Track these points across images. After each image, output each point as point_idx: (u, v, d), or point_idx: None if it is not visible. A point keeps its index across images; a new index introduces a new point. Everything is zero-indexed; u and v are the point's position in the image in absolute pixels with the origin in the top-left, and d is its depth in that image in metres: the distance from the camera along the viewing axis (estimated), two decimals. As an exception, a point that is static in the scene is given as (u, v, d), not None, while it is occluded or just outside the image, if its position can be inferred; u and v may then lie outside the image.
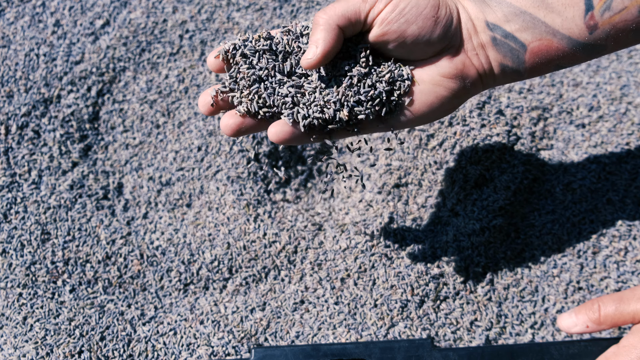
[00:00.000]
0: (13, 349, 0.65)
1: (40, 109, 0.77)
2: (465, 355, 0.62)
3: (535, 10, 0.48)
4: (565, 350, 0.63)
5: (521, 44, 0.49)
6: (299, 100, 0.50)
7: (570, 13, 0.47)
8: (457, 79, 0.51)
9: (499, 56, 0.50)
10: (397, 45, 0.49)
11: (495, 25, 0.49)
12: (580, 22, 0.47)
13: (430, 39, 0.49)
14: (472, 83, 0.52)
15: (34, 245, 0.71)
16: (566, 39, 0.48)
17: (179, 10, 0.84)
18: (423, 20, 0.48)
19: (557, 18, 0.48)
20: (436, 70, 0.51)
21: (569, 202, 0.74)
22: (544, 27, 0.48)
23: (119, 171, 0.77)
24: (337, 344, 0.62)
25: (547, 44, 0.49)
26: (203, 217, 0.74)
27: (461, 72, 0.51)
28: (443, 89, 0.51)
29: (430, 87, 0.51)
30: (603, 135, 0.77)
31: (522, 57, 0.50)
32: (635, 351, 0.57)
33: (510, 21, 0.49)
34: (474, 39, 0.50)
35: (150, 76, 0.81)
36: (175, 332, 0.68)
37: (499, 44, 0.50)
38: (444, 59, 0.50)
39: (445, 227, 0.72)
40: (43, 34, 0.82)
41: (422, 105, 0.51)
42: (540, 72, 0.51)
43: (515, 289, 0.70)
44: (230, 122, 0.52)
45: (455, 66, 0.50)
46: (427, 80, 0.51)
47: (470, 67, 0.51)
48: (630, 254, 0.71)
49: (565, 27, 0.48)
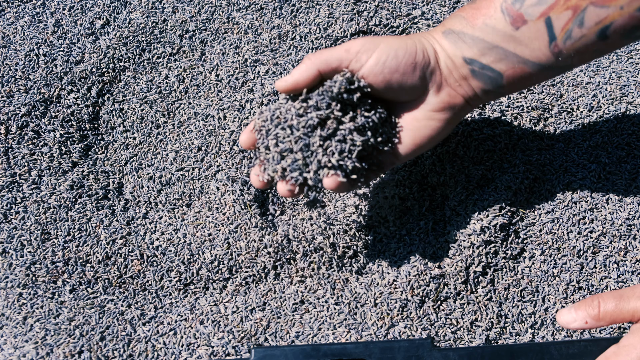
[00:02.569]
0: (13, 349, 0.65)
1: (40, 109, 0.77)
2: (465, 355, 0.62)
3: (505, 44, 0.54)
4: (565, 350, 0.62)
5: (497, 72, 0.56)
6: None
7: (537, 44, 0.53)
8: (447, 110, 0.58)
9: (480, 84, 0.57)
10: (385, 91, 0.56)
11: (472, 60, 0.56)
12: (546, 50, 0.53)
13: (412, 82, 0.56)
14: (461, 108, 0.58)
15: (34, 245, 0.70)
16: (536, 64, 0.54)
17: (179, 10, 0.84)
18: (404, 68, 0.55)
19: (525, 49, 0.54)
20: (426, 107, 0.57)
21: (569, 202, 0.74)
22: (515, 58, 0.54)
23: (119, 171, 0.77)
24: (337, 344, 0.62)
25: (520, 70, 0.55)
26: (203, 217, 0.74)
27: (448, 103, 0.57)
28: (436, 121, 0.58)
29: (425, 122, 0.58)
30: (603, 135, 0.77)
31: (500, 82, 0.56)
32: (635, 351, 0.57)
33: (485, 55, 0.55)
34: (454, 73, 0.57)
35: (150, 76, 0.81)
36: (175, 332, 0.68)
37: (478, 74, 0.56)
38: (431, 95, 0.57)
39: (446, 227, 0.72)
40: (43, 34, 0.82)
41: (422, 139, 0.58)
42: (520, 89, 0.58)
43: (516, 289, 0.70)
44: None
45: (442, 100, 0.57)
46: (421, 118, 0.58)
47: (456, 97, 0.57)
48: (630, 254, 0.71)
49: (534, 56, 0.54)
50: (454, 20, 0.57)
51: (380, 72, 0.55)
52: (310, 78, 0.55)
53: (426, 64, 0.56)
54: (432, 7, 0.85)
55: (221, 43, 0.83)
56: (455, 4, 0.85)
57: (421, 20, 0.84)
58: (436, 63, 0.56)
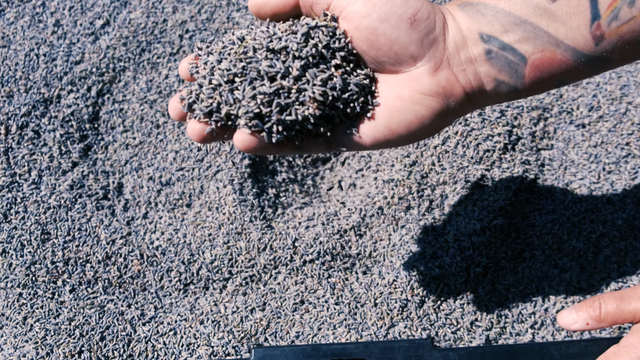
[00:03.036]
0: (13, 349, 0.65)
1: (40, 109, 0.77)
2: (465, 355, 0.62)
3: (537, 19, 0.44)
4: (565, 350, 0.63)
5: (521, 56, 0.45)
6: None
7: (575, 22, 0.44)
8: (440, 98, 0.46)
9: (494, 71, 0.46)
10: (368, 46, 0.45)
11: (490, 37, 0.45)
12: (586, 31, 0.44)
13: (405, 42, 0.44)
14: (458, 103, 0.47)
15: (34, 245, 0.70)
16: (570, 50, 0.45)
17: (179, 10, 0.84)
18: (397, 20, 0.44)
19: (560, 27, 0.44)
20: (416, 86, 0.46)
21: (569, 202, 0.74)
22: (546, 38, 0.44)
23: (119, 171, 0.77)
24: (337, 344, 0.62)
25: (550, 55, 0.45)
26: (203, 217, 0.74)
27: (445, 89, 0.46)
28: (424, 107, 0.46)
29: (409, 105, 0.46)
30: (603, 135, 0.77)
31: (522, 71, 0.46)
32: (635, 351, 0.57)
33: (509, 31, 0.45)
34: (462, 53, 0.46)
35: (150, 76, 0.81)
36: (175, 332, 0.68)
37: (495, 57, 0.45)
38: (425, 74, 0.45)
39: (446, 227, 0.72)
40: (43, 34, 0.82)
41: (400, 125, 0.46)
42: (540, 89, 0.47)
43: (516, 289, 0.70)
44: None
45: (437, 83, 0.46)
46: (405, 97, 0.46)
47: (456, 84, 0.46)
48: (630, 254, 0.71)
49: (570, 38, 0.44)
50: None
51: (366, 15, 0.44)
52: (284, 2, 0.46)
53: (429, 28, 0.45)
54: (432, 7, 0.85)
55: (221, 43, 0.83)
56: (455, 4, 0.85)
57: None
58: (442, 33, 0.45)
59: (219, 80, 0.46)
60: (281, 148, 0.47)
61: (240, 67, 0.45)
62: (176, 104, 0.48)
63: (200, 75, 0.47)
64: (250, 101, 0.45)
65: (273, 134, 0.46)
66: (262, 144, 0.46)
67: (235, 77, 0.45)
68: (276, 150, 0.47)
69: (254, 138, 0.46)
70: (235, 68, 0.45)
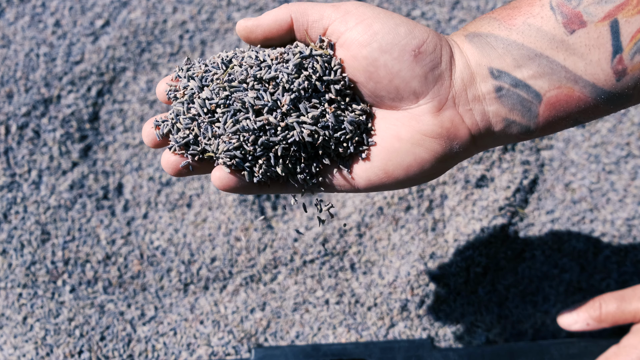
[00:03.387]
0: (13, 349, 0.65)
1: (40, 109, 0.77)
2: (465, 355, 0.62)
3: (553, 52, 0.40)
4: (565, 350, 0.63)
5: (535, 93, 0.41)
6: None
7: (595, 56, 0.39)
8: (443, 140, 0.42)
9: (504, 110, 0.41)
10: (367, 78, 0.42)
11: (501, 72, 0.41)
12: (607, 66, 0.40)
13: (408, 76, 0.41)
14: (463, 146, 0.43)
15: (34, 245, 0.71)
16: (590, 86, 0.40)
17: (179, 11, 0.84)
18: (400, 52, 0.40)
19: (579, 62, 0.40)
20: (417, 126, 0.42)
21: (569, 202, 0.74)
22: (563, 73, 0.40)
23: (119, 171, 0.77)
24: (337, 344, 0.62)
25: (567, 92, 0.41)
26: (203, 217, 0.74)
27: (448, 131, 0.42)
28: (424, 150, 0.42)
29: (408, 146, 0.42)
30: (603, 135, 0.77)
31: (536, 110, 0.41)
32: (635, 351, 0.57)
33: (522, 66, 0.40)
34: (469, 91, 0.42)
35: (150, 76, 0.81)
36: (175, 332, 0.68)
37: (506, 94, 0.41)
38: (428, 113, 0.42)
39: (445, 227, 0.72)
40: (43, 34, 0.82)
41: (398, 168, 0.42)
42: (554, 128, 0.43)
43: (516, 289, 0.70)
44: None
45: (441, 124, 0.42)
46: (405, 138, 0.42)
47: (461, 126, 0.42)
48: (630, 254, 0.71)
49: (589, 73, 0.40)
50: (480, 22, 0.43)
51: (366, 44, 0.40)
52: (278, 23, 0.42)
53: (434, 62, 0.41)
54: (432, 8, 0.85)
55: (221, 43, 0.83)
56: (455, 4, 0.85)
57: (421, 20, 0.84)
58: (448, 68, 0.42)
59: (197, 110, 0.41)
60: (263, 188, 0.44)
61: (224, 96, 0.41)
62: (150, 130, 0.44)
63: (178, 101, 0.43)
64: (231, 137, 0.41)
65: (255, 175, 0.42)
66: (242, 184, 0.43)
67: (217, 107, 0.41)
68: (257, 190, 0.44)
69: (233, 177, 0.42)
70: (217, 97, 0.41)
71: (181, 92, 0.43)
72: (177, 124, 0.42)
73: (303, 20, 0.42)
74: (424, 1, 0.86)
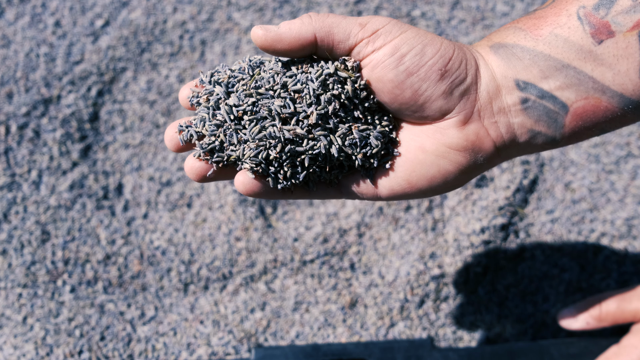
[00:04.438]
0: (13, 349, 0.65)
1: (40, 109, 0.77)
2: (465, 355, 0.62)
3: (581, 63, 0.40)
4: (565, 350, 0.63)
5: (562, 104, 0.41)
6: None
7: (624, 66, 0.39)
8: (468, 153, 0.42)
9: (530, 121, 0.41)
10: (391, 99, 0.42)
11: (527, 84, 0.41)
12: (635, 76, 0.39)
13: (433, 95, 0.41)
14: (487, 158, 0.43)
15: (34, 245, 0.71)
16: (618, 96, 0.40)
17: (179, 10, 0.84)
18: (426, 72, 0.40)
19: (607, 72, 0.40)
20: (442, 139, 0.42)
21: (569, 202, 0.74)
22: (591, 84, 0.40)
23: (119, 171, 0.77)
24: (337, 344, 0.62)
25: (594, 103, 0.40)
26: (203, 217, 0.74)
27: (474, 144, 0.42)
28: (448, 162, 0.42)
29: (432, 158, 0.42)
30: (603, 135, 0.77)
31: (562, 121, 0.41)
32: (636, 351, 0.57)
33: (549, 77, 0.40)
34: (494, 104, 0.41)
35: (150, 76, 0.81)
36: (175, 332, 0.68)
37: (532, 106, 0.41)
38: (453, 127, 0.42)
39: (445, 227, 0.72)
40: (43, 34, 0.82)
41: (421, 179, 0.43)
42: (580, 138, 0.43)
43: (516, 289, 0.70)
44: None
45: (466, 137, 0.42)
46: (429, 150, 0.42)
47: (486, 139, 0.42)
48: (630, 254, 0.71)
49: (617, 83, 0.40)
50: (506, 32, 0.42)
51: (393, 67, 0.40)
52: (300, 41, 0.41)
53: (460, 78, 0.41)
54: (432, 8, 0.85)
55: (221, 43, 0.83)
56: (455, 4, 0.85)
57: (421, 20, 0.84)
58: (474, 82, 0.41)
59: (224, 117, 0.41)
60: (286, 194, 0.44)
61: (250, 102, 0.41)
62: (174, 134, 0.44)
63: (202, 106, 0.43)
64: (258, 143, 0.41)
65: (280, 181, 0.43)
66: (266, 189, 0.43)
67: (244, 113, 0.41)
68: (280, 196, 0.44)
69: (257, 183, 0.43)
70: (244, 104, 0.41)
71: (205, 97, 0.43)
72: (203, 130, 0.42)
73: (328, 40, 0.41)
74: (424, 1, 0.86)
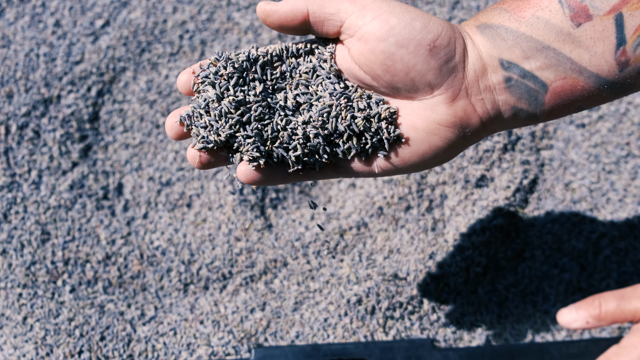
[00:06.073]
0: (13, 349, 0.65)
1: (40, 109, 0.77)
2: (465, 355, 0.62)
3: (560, 44, 0.42)
4: (565, 350, 0.63)
5: (542, 83, 0.43)
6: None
7: (600, 48, 0.42)
8: (457, 128, 0.45)
9: (513, 99, 0.44)
10: (383, 71, 0.43)
11: (511, 64, 0.43)
12: (611, 58, 0.42)
13: (423, 70, 0.43)
14: (474, 132, 0.45)
15: (34, 245, 0.71)
16: (594, 77, 0.43)
17: (179, 10, 0.84)
18: (415, 46, 0.42)
19: (584, 54, 0.42)
20: (432, 116, 0.44)
21: (569, 202, 0.74)
22: (569, 64, 0.42)
23: (119, 171, 0.77)
24: (337, 344, 0.62)
25: (571, 82, 0.43)
26: (203, 217, 0.74)
27: (461, 120, 0.44)
28: (438, 138, 0.45)
29: (423, 135, 0.45)
30: (603, 135, 0.77)
31: (542, 99, 0.44)
32: (636, 351, 0.57)
33: (530, 58, 0.43)
34: (481, 82, 0.44)
35: (150, 76, 0.81)
36: (175, 332, 0.68)
37: (515, 85, 0.44)
38: (442, 103, 0.44)
39: (445, 227, 0.72)
40: (43, 34, 0.82)
41: (413, 155, 0.45)
42: (559, 114, 0.46)
43: (516, 289, 0.70)
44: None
45: (454, 113, 0.44)
46: (420, 128, 0.45)
47: (473, 114, 0.45)
48: (630, 254, 0.71)
49: (594, 64, 0.42)
50: (492, 13, 0.45)
51: (383, 39, 0.42)
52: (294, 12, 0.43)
53: (448, 55, 0.43)
54: (432, 7, 0.85)
55: (221, 43, 0.83)
56: (455, 4, 0.85)
57: (421, 20, 0.84)
58: (462, 60, 0.43)
59: (227, 108, 0.42)
60: (287, 178, 0.46)
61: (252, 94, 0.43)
62: (174, 123, 0.45)
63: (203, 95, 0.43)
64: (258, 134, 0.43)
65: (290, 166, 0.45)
66: (266, 176, 0.46)
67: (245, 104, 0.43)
68: (281, 180, 0.46)
69: (257, 173, 0.45)
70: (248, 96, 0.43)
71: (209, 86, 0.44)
72: (204, 118, 0.43)
73: (320, 13, 0.43)
74: (424, 1, 0.86)
